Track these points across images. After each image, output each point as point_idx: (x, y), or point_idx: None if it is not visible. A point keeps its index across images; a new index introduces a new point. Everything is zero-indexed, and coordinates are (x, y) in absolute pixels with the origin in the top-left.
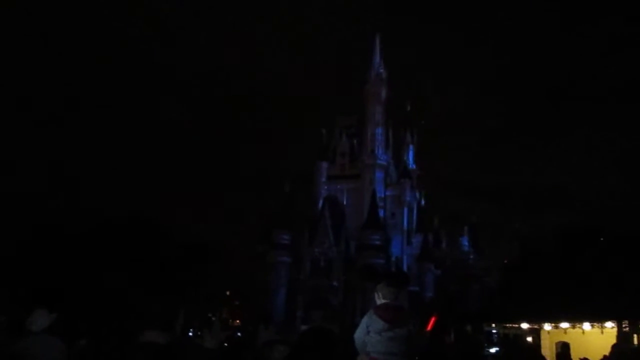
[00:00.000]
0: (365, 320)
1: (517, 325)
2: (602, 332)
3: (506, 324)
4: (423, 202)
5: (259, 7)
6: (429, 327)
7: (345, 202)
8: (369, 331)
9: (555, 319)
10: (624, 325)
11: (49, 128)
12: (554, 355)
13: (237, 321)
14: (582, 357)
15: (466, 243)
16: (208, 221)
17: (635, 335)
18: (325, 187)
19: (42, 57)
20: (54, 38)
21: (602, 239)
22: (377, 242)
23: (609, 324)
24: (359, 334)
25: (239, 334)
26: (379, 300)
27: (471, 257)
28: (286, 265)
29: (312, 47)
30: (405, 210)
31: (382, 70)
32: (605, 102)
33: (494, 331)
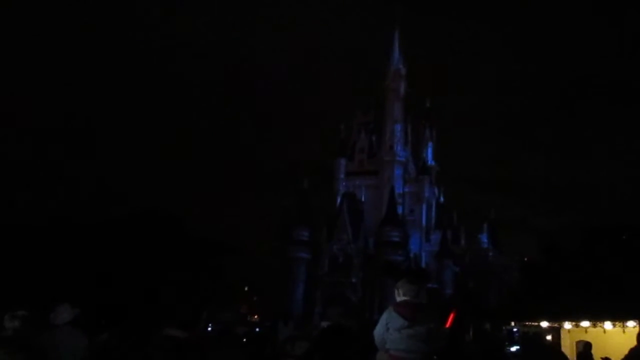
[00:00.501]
0: (384, 317)
1: (536, 324)
2: (624, 332)
3: (525, 322)
4: (442, 198)
5: (277, 2)
6: (448, 324)
7: (363, 199)
8: (388, 328)
9: (575, 318)
10: None
11: (71, 124)
12: (574, 355)
13: (256, 316)
14: (603, 356)
15: (485, 240)
16: (226, 218)
17: None
18: (344, 184)
19: (59, 58)
20: (60, 40)
21: (624, 236)
22: (396, 239)
23: (631, 323)
24: (378, 331)
25: (257, 329)
26: (399, 297)
27: (490, 253)
28: (305, 261)
29: (331, 43)
30: (424, 206)
31: (401, 66)
32: (628, 99)
33: (514, 329)
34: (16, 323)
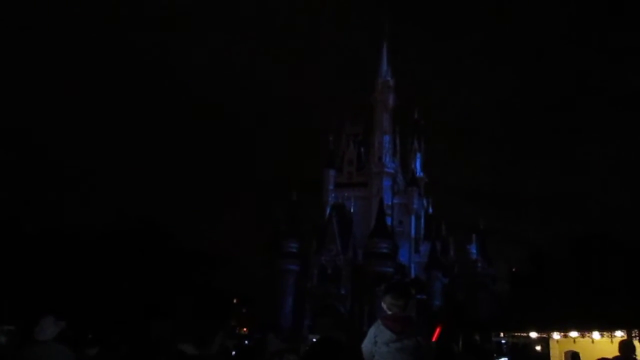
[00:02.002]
0: (372, 330)
1: (525, 334)
2: (612, 342)
3: (514, 332)
4: (431, 209)
5: (265, 14)
6: (434, 338)
7: (352, 210)
8: (376, 342)
9: (564, 328)
10: (634, 335)
11: (60, 136)
12: None
13: (245, 329)
14: None
15: (474, 251)
16: (215, 231)
17: None
18: (333, 195)
19: (52, 64)
20: (57, 45)
21: (610, 246)
22: (385, 250)
23: (618, 333)
24: (366, 345)
25: (246, 342)
26: (387, 311)
27: (479, 264)
28: (294, 273)
29: (320, 56)
30: (413, 218)
31: (389, 78)
32: (617, 110)
33: (503, 341)
34: (2, 339)
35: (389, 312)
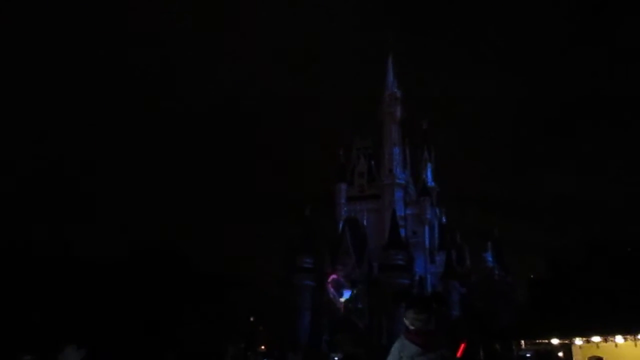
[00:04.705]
0: (397, 345)
1: (547, 341)
2: (635, 345)
3: (536, 340)
4: (444, 219)
5: (272, 28)
6: (459, 354)
7: (365, 223)
8: (401, 357)
9: (586, 333)
10: None
11: (69, 161)
12: None
13: (263, 347)
14: None
15: (490, 259)
16: (228, 250)
17: None
18: (345, 209)
19: (53, 93)
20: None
21: (629, 249)
22: (400, 262)
23: None
24: None
25: (265, 359)
26: (410, 327)
27: (496, 272)
28: (310, 288)
29: (326, 70)
30: (427, 228)
31: (396, 90)
32: (628, 114)
33: (527, 354)
34: None
35: (412, 327)
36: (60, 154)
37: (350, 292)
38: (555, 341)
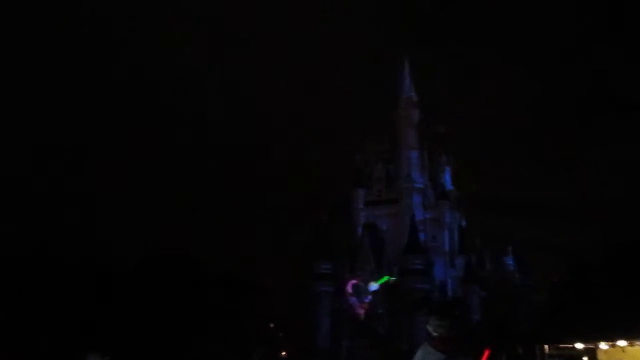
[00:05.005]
0: (420, 353)
1: (571, 346)
2: None
3: (559, 344)
4: (464, 223)
5: (290, 31)
6: None
7: (384, 228)
8: None
9: (611, 338)
10: None
11: (77, 164)
12: None
13: (284, 353)
14: None
15: (511, 262)
16: (245, 257)
17: None
18: (364, 214)
19: (51, 95)
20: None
21: None
22: (420, 267)
23: None
24: None
25: None
26: (433, 334)
27: (517, 276)
28: (329, 294)
29: (342, 74)
30: (446, 232)
31: (412, 94)
32: None
33: None
34: None
35: (435, 334)
36: (67, 158)
37: (370, 297)
38: (579, 346)
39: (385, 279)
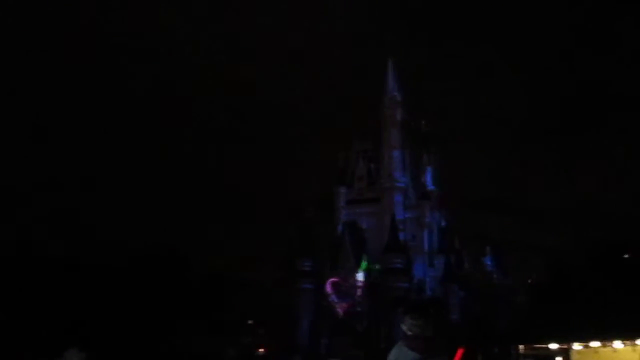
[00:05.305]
0: (394, 352)
1: (545, 346)
2: (634, 350)
3: (534, 344)
4: (444, 222)
5: (271, 30)
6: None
7: (365, 226)
8: None
9: (584, 338)
10: None
11: (69, 159)
12: None
13: (262, 350)
14: None
15: (490, 262)
16: (227, 252)
17: None
18: (345, 212)
19: (62, 85)
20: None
21: (626, 255)
22: (399, 266)
23: None
24: None
25: None
26: (408, 332)
27: (495, 276)
28: (309, 292)
29: (325, 73)
30: (426, 232)
31: (396, 94)
32: (630, 110)
33: None
34: None
35: (410, 333)
36: (57, 156)
37: (359, 291)
38: (553, 346)
39: (364, 265)
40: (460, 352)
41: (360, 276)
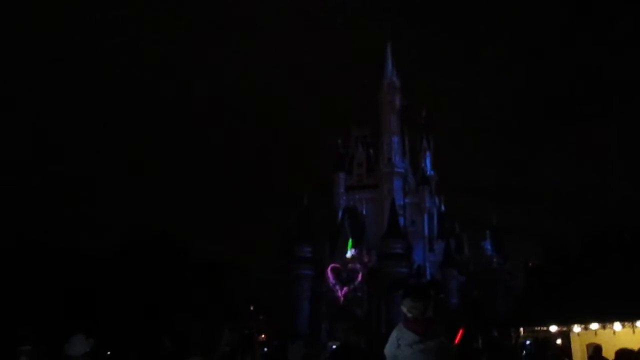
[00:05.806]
0: (394, 333)
1: (545, 329)
2: (633, 332)
3: (534, 327)
4: (443, 207)
5: (271, 16)
6: (457, 340)
7: (364, 212)
8: (399, 344)
9: (584, 320)
10: None
11: (69, 149)
12: (586, 358)
13: (263, 336)
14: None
15: (489, 247)
16: (227, 238)
17: None
18: (344, 198)
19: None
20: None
21: (627, 236)
22: (399, 251)
23: None
24: (389, 348)
25: (265, 349)
26: (407, 315)
27: (495, 260)
28: (309, 278)
29: (325, 59)
30: (426, 217)
31: (395, 79)
32: (627, 99)
33: (527, 342)
34: (23, 359)
35: (409, 315)
36: (56, 142)
37: (357, 280)
38: (553, 328)
39: (350, 243)
40: (460, 331)
41: (349, 253)
